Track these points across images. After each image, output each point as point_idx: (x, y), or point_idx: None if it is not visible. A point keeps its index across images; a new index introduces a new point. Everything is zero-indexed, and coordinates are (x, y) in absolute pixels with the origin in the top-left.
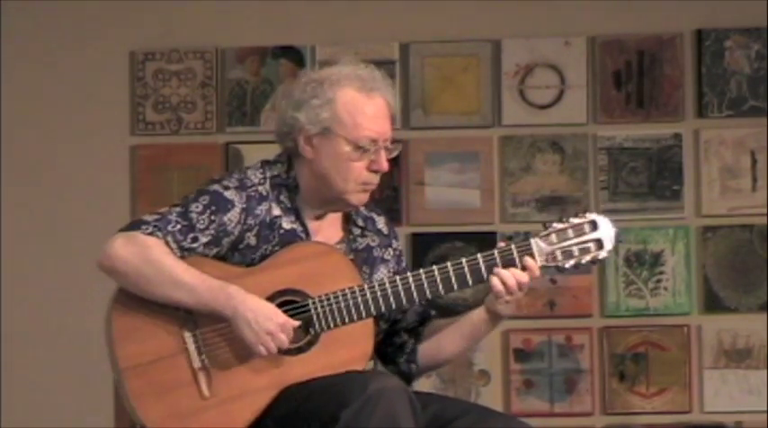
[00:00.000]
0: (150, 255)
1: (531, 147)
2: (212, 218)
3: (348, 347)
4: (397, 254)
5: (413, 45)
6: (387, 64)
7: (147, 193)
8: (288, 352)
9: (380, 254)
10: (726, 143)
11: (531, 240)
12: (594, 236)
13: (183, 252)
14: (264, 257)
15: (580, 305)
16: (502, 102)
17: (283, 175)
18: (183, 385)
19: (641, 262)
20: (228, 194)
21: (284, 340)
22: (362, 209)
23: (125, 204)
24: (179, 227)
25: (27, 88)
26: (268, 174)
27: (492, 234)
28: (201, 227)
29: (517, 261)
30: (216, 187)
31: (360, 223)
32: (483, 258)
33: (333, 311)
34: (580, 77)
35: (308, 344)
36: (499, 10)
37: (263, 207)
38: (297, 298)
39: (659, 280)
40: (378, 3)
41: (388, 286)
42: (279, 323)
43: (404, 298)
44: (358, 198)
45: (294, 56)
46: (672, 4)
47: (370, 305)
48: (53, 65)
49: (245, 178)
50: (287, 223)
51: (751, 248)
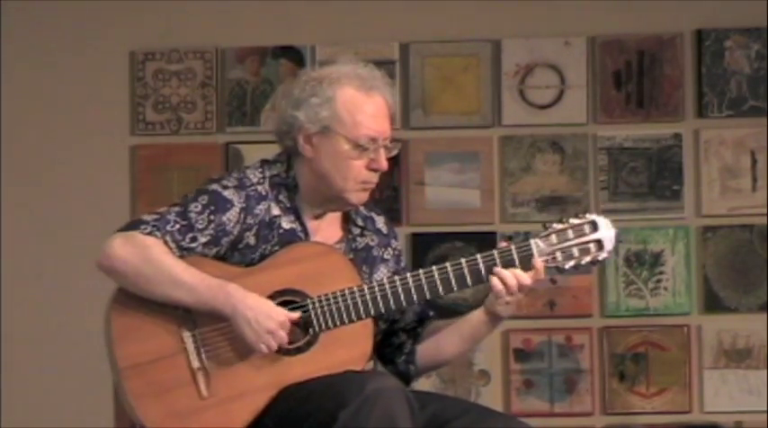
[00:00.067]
0: (149, 255)
1: (531, 147)
2: (211, 217)
3: (347, 347)
4: (396, 253)
5: (413, 45)
6: (387, 64)
7: (146, 193)
8: (287, 352)
9: (380, 254)
10: (726, 143)
11: (531, 241)
12: (594, 236)
13: (182, 251)
14: (264, 257)
15: (580, 305)
16: (502, 102)
17: (283, 175)
18: (182, 385)
19: (641, 262)
20: (227, 194)
21: (284, 337)
22: (362, 208)
23: (125, 204)
24: (178, 226)
25: (27, 88)
26: (267, 174)
27: (492, 234)
28: (200, 226)
29: (516, 261)
30: (215, 186)
31: (359, 223)
32: (482, 259)
33: (332, 311)
34: (580, 77)
35: (308, 344)
36: (499, 10)
37: (262, 206)
38: (296, 299)
39: (659, 281)
40: (378, 3)
41: (387, 287)
42: (279, 321)
43: (403, 298)
44: (357, 197)
45: (294, 56)
46: (672, 4)
47: (370, 305)
48: (53, 65)
49: (244, 177)
50: (286, 222)
51: (751, 248)
